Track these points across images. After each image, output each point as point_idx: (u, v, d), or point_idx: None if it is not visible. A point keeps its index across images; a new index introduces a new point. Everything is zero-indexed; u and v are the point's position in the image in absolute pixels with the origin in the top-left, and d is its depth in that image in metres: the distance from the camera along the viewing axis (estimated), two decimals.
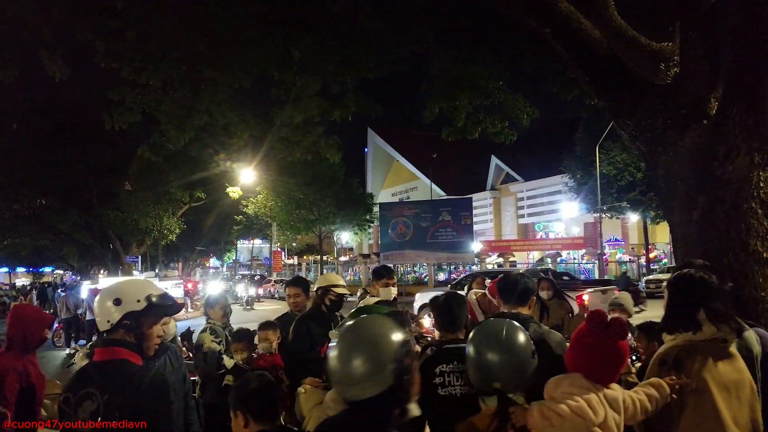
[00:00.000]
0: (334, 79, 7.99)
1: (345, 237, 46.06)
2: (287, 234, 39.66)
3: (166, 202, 28.90)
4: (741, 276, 3.56)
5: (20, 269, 58.56)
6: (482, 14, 7.04)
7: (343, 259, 50.99)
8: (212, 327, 4.75)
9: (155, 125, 8.64)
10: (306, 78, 7.84)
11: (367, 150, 56.58)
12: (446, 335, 2.68)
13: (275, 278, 36.16)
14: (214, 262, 60.56)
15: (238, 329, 4.55)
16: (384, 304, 3.35)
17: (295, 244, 50.10)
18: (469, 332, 2.25)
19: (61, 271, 58.30)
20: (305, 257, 57.22)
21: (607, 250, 31.59)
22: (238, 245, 54.00)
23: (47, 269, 58.79)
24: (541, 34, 4.73)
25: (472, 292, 5.27)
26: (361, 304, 3.28)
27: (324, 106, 8.55)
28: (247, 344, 4.36)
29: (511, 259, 33.71)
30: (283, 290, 23.02)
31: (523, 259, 38.00)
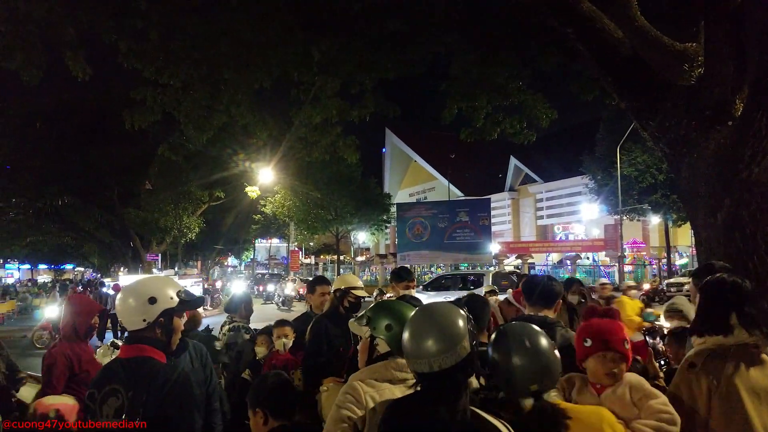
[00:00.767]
0: (353, 80, 8.00)
1: (362, 237, 46.11)
2: (304, 233, 39.83)
3: (186, 202, 29.19)
4: (766, 281, 3.49)
5: (42, 266, 59.64)
6: (505, 14, 7.00)
7: (359, 259, 51.10)
8: (244, 326, 4.81)
9: (176, 125, 8.74)
10: (325, 78, 7.87)
11: (384, 150, 56.59)
12: None
13: (291, 277, 36.35)
14: (232, 260, 61.07)
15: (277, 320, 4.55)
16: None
17: (312, 244, 50.33)
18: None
19: (82, 269, 59.25)
20: (322, 257, 57.48)
21: (627, 253, 31.22)
22: (256, 244, 54.39)
23: (68, 266, 59.78)
24: (564, 34, 4.69)
25: (495, 299, 5.23)
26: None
27: (342, 107, 8.56)
28: (267, 339, 4.41)
29: (529, 261, 33.45)
30: (304, 290, 22.93)
31: (542, 260, 37.69)
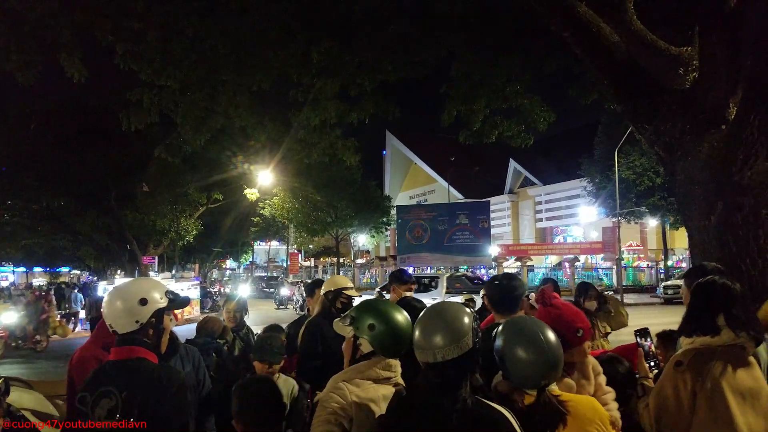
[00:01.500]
0: (352, 82, 8.01)
1: (362, 239, 46.10)
2: (304, 236, 39.81)
3: (184, 204, 29.11)
4: (759, 283, 3.51)
5: (37, 269, 59.37)
6: (506, 18, 7.03)
7: (359, 261, 51.04)
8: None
9: (173, 127, 8.74)
10: (324, 80, 7.87)
11: (385, 152, 56.62)
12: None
13: (291, 280, 36.34)
14: (230, 263, 60.99)
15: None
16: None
17: (311, 247, 50.26)
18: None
19: (78, 272, 58.99)
20: (322, 259, 57.40)
21: (625, 255, 31.24)
22: (255, 247, 54.32)
23: (64, 269, 59.47)
24: (562, 38, 4.71)
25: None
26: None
27: (342, 108, 8.57)
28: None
29: (528, 263, 33.46)
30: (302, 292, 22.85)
31: (541, 263, 37.72)
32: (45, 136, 24.08)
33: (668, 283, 25.47)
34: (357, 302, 4.26)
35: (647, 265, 33.73)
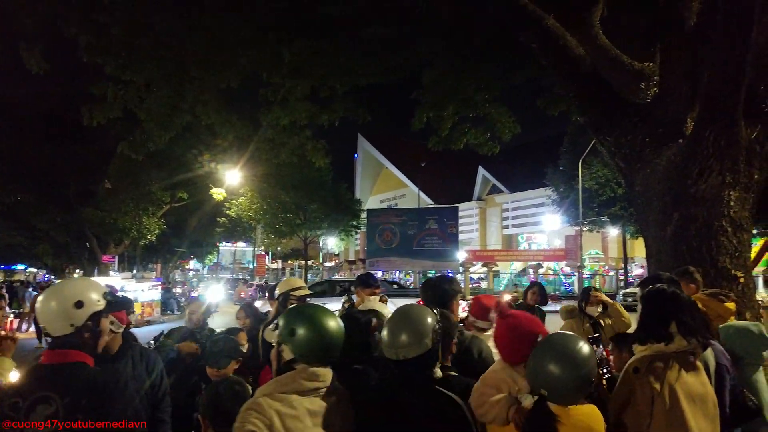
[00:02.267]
0: (324, 84, 7.98)
1: (331, 242, 45.86)
2: (272, 237, 39.39)
3: (147, 202, 28.46)
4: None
5: None
6: (478, 28, 7.12)
7: (328, 264, 50.78)
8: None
9: (137, 123, 8.55)
10: (295, 81, 7.81)
11: (356, 156, 56.55)
12: None
13: (257, 282, 35.93)
14: (194, 264, 59.92)
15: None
16: (370, 313, 3.33)
17: (279, 248, 49.77)
18: None
19: (35, 270, 57.12)
20: (290, 262, 56.86)
21: (587, 263, 31.86)
22: (221, 248, 53.50)
23: (20, 267, 57.47)
24: (530, 50, 4.80)
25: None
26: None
27: (312, 110, 8.51)
28: None
29: (494, 269, 33.83)
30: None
31: (507, 269, 38.19)
32: (3, 129, 23.28)
33: (627, 290, 26.05)
34: (308, 299, 4.25)
35: (606, 270, 34.43)
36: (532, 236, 41.87)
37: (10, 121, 23.36)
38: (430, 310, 2.23)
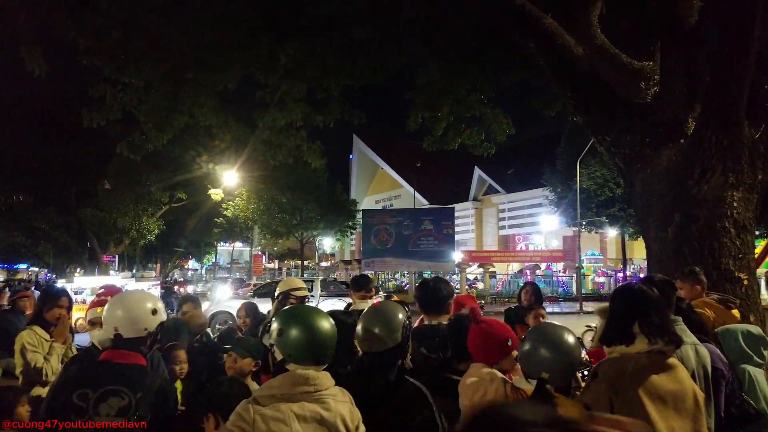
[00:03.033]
0: (319, 85, 7.98)
1: (327, 243, 45.82)
2: (268, 238, 39.37)
3: (146, 203, 28.47)
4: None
5: None
6: (472, 28, 7.11)
7: (324, 264, 50.74)
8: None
9: (136, 124, 8.55)
10: (291, 82, 7.82)
11: (352, 156, 56.51)
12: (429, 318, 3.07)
13: (254, 281, 35.87)
14: (193, 263, 59.88)
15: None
16: (355, 315, 3.38)
17: (276, 249, 49.74)
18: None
19: (37, 269, 57.20)
20: (286, 262, 56.81)
21: (585, 264, 31.85)
22: (219, 248, 53.43)
23: (22, 266, 57.59)
24: (527, 49, 4.77)
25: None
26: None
27: (308, 111, 8.53)
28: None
29: (491, 270, 33.80)
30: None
31: (503, 270, 38.17)
32: (3, 130, 23.25)
33: None
34: (307, 299, 4.29)
35: (602, 273, 34.44)
36: (529, 237, 41.85)
37: (10, 122, 23.34)
38: (401, 307, 2.46)
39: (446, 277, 30.28)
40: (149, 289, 20.72)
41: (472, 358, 2.53)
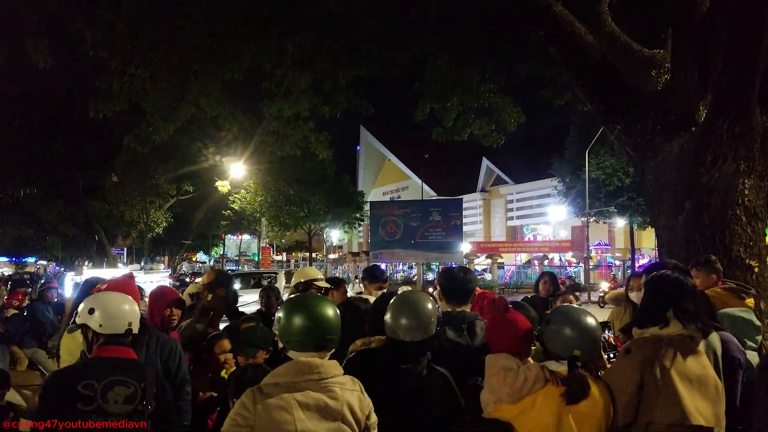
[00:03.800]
0: (326, 76, 7.96)
1: (335, 235, 45.90)
2: (276, 230, 39.47)
3: (153, 195, 28.57)
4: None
5: (2, 259, 57.78)
6: (481, 18, 7.07)
7: (332, 256, 50.85)
8: None
9: (142, 116, 8.58)
10: (298, 72, 7.80)
11: (359, 148, 56.45)
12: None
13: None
14: (200, 256, 60.17)
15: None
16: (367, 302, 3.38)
17: (284, 241, 49.88)
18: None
19: (45, 262, 57.65)
20: (294, 254, 56.99)
21: (593, 254, 31.77)
22: (226, 240, 53.65)
23: (30, 260, 58.08)
24: (537, 38, 4.74)
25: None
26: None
27: (315, 102, 8.51)
28: None
29: (499, 261, 33.79)
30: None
31: (511, 260, 38.13)
32: (10, 124, 23.36)
33: None
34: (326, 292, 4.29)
35: (614, 263, 34.32)
36: (537, 227, 41.74)
37: (16, 116, 23.44)
38: (432, 299, 2.43)
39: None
40: (160, 280, 20.87)
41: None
